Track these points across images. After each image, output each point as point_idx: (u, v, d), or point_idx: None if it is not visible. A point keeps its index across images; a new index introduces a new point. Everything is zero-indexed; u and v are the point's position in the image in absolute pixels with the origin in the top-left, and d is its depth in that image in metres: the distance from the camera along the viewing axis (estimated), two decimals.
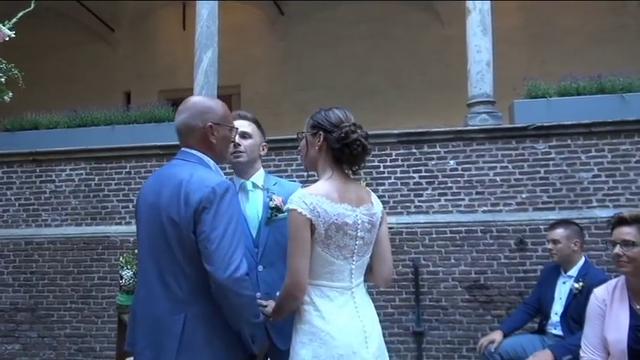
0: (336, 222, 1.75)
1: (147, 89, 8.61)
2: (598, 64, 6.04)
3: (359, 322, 1.78)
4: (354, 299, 1.81)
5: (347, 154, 1.80)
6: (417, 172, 5.07)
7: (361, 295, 1.85)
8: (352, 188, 1.84)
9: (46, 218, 5.60)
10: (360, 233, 1.80)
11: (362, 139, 1.80)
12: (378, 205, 1.90)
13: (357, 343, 1.75)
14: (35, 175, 5.70)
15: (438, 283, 4.83)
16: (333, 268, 1.79)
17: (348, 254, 1.80)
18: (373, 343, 1.79)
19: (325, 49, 8.49)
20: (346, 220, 1.77)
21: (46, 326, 5.33)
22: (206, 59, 5.67)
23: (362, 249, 1.83)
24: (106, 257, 5.33)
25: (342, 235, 1.77)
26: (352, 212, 1.79)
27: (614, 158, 4.80)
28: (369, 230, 1.83)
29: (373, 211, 1.85)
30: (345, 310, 1.78)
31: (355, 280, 1.83)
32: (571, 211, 4.74)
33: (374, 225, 1.85)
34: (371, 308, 1.88)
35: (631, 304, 2.25)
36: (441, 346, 4.75)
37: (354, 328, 1.77)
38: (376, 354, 1.79)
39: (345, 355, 1.72)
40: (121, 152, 5.57)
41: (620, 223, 2.26)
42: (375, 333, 1.83)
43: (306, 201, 1.74)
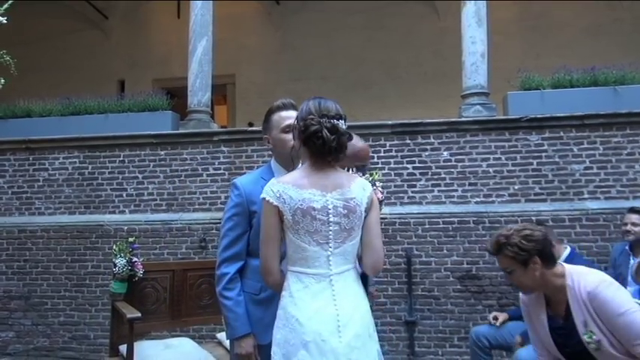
0: (301, 207, 1.77)
1: (141, 78, 8.57)
2: (592, 56, 6.06)
3: (333, 311, 1.75)
4: (332, 287, 1.79)
5: (311, 146, 1.82)
6: (410, 162, 5.09)
7: (343, 284, 1.81)
8: (330, 175, 1.83)
9: (39, 206, 5.59)
10: (334, 218, 1.79)
11: (323, 132, 1.78)
12: (359, 190, 1.84)
13: (328, 331, 1.73)
14: (28, 163, 5.68)
15: (430, 273, 4.88)
16: (306, 255, 1.80)
17: (321, 240, 1.79)
18: (348, 333, 1.74)
19: (320, 40, 8.46)
20: (312, 205, 1.78)
21: (39, 314, 5.35)
22: (200, 48, 5.64)
23: (339, 235, 1.80)
24: (99, 246, 5.34)
25: (310, 220, 1.78)
26: (322, 197, 1.79)
27: (606, 150, 4.84)
28: (346, 215, 1.80)
29: (349, 196, 1.81)
30: (319, 298, 1.77)
31: (335, 267, 1.80)
32: (562, 202, 4.79)
33: (351, 210, 1.81)
34: (355, 297, 1.82)
35: (547, 310, 2.24)
36: (432, 336, 4.81)
37: (325, 316, 1.75)
38: (352, 344, 1.74)
39: (311, 342, 1.72)
40: (114, 141, 5.56)
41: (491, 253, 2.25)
42: (355, 323, 1.77)
43: (274, 189, 1.81)
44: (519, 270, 2.13)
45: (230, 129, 6.83)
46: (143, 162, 5.50)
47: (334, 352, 1.72)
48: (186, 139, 5.46)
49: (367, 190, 1.87)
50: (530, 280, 2.13)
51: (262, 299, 2.06)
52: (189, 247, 5.21)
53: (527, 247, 2.11)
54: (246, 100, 8.67)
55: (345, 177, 1.87)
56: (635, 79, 5.08)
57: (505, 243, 2.13)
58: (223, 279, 2.04)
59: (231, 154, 5.35)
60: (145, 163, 5.49)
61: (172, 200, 5.37)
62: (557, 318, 2.19)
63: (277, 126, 2.15)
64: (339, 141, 1.81)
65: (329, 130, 1.79)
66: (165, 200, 5.40)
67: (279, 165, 2.19)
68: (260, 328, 2.05)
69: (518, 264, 2.12)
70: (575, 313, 2.09)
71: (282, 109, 2.18)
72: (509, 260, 2.14)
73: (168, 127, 5.63)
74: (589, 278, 2.08)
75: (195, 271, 3.71)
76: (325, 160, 1.84)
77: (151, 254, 5.18)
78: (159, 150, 5.49)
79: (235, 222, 2.07)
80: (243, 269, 2.09)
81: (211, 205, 5.28)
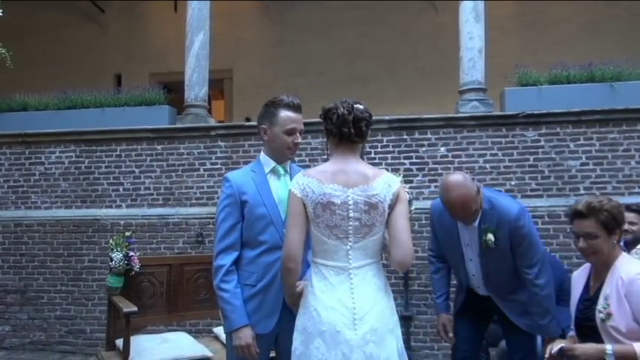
0: (321, 201, 1.82)
1: (138, 72, 8.52)
2: (589, 53, 6.06)
3: (350, 303, 1.79)
4: (350, 280, 1.82)
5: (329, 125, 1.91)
6: (407, 158, 5.10)
7: (363, 278, 1.83)
8: (354, 169, 1.86)
9: (35, 200, 5.58)
10: (354, 214, 1.82)
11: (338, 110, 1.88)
12: (383, 186, 1.85)
13: (343, 323, 1.78)
14: (24, 156, 5.66)
15: (426, 269, 4.88)
16: (326, 247, 1.85)
17: (341, 234, 1.83)
18: (364, 326, 1.78)
19: (318, 35, 8.44)
20: (333, 200, 1.81)
21: (36, 308, 5.34)
22: (197, 42, 5.62)
23: (360, 230, 1.83)
24: (96, 240, 5.34)
25: (329, 215, 1.82)
26: (342, 192, 1.82)
27: (602, 147, 4.86)
28: (367, 211, 1.82)
29: (371, 192, 1.82)
30: (337, 290, 1.82)
31: (355, 261, 1.84)
32: (559, 198, 4.81)
33: (373, 206, 1.82)
34: (374, 292, 1.84)
35: (588, 280, 2.34)
36: (428, 330, 4.83)
37: (342, 308, 1.79)
38: (367, 337, 1.77)
39: (327, 332, 1.78)
40: (111, 135, 5.54)
41: (578, 216, 2.24)
42: (371, 317, 1.80)
43: (299, 182, 1.87)
44: (603, 237, 2.19)
45: (227, 124, 6.82)
46: (140, 156, 5.49)
47: (348, 343, 1.77)
48: (183, 134, 5.45)
49: (393, 186, 1.86)
50: (606, 249, 2.20)
51: (259, 289, 2.09)
52: (186, 241, 5.21)
53: (618, 218, 2.20)
54: (244, 95, 8.65)
55: (371, 172, 1.88)
56: (632, 76, 5.09)
57: (600, 208, 2.19)
58: (220, 271, 2.07)
59: (228, 149, 5.34)
60: (142, 157, 5.48)
61: (169, 195, 5.37)
62: (589, 290, 2.30)
63: (282, 124, 2.16)
64: (356, 119, 1.85)
65: (345, 109, 1.86)
66: (162, 195, 5.39)
67: (269, 157, 2.22)
68: (258, 317, 2.08)
69: (604, 231, 2.18)
70: (604, 289, 2.18)
71: (291, 108, 2.18)
72: (597, 225, 2.19)
73: (165, 121, 5.62)
74: (633, 267, 2.16)
75: (192, 265, 3.72)
76: (349, 150, 1.88)
77: (148, 249, 5.18)
78: (156, 144, 5.48)
79: (228, 212, 2.11)
80: (238, 261, 2.11)
81: (208, 200, 5.28)
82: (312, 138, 5.22)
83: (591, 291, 2.29)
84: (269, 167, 2.21)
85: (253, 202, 2.11)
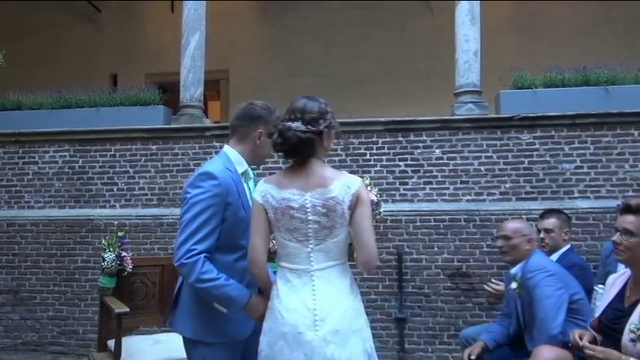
0: (281, 206, 1.87)
1: (134, 72, 8.49)
2: (584, 56, 6.09)
3: (311, 305, 1.81)
4: (312, 282, 1.84)
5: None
6: (402, 160, 5.10)
7: (325, 280, 1.85)
8: (312, 173, 1.87)
9: (28, 200, 5.55)
10: (312, 217, 1.84)
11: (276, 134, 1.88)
12: (342, 188, 1.84)
13: (304, 325, 1.80)
14: (18, 156, 5.63)
15: (421, 271, 4.89)
16: (288, 251, 1.89)
17: (301, 237, 1.86)
18: (325, 327, 1.79)
19: (315, 36, 8.43)
20: (291, 204, 1.85)
21: (28, 308, 5.31)
22: (193, 42, 5.61)
23: (320, 233, 1.84)
24: (89, 240, 5.31)
25: (289, 219, 1.86)
26: (300, 197, 1.85)
27: (597, 150, 4.87)
28: (325, 214, 1.83)
29: (329, 195, 1.83)
30: (299, 292, 1.84)
31: (317, 263, 1.85)
32: (553, 201, 4.81)
33: (331, 209, 1.83)
34: (338, 293, 1.85)
35: (623, 288, 2.29)
36: (422, 333, 4.82)
37: (303, 310, 1.81)
38: (328, 338, 1.78)
39: (289, 334, 1.82)
40: (105, 135, 5.52)
41: (626, 211, 2.24)
42: (333, 318, 1.80)
43: (260, 189, 1.93)
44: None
45: (222, 124, 6.79)
46: (134, 156, 5.47)
47: (309, 344, 1.78)
48: (178, 134, 5.43)
49: (352, 188, 1.85)
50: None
51: None
52: None
53: None
54: (240, 95, 8.60)
55: (330, 175, 1.88)
56: (627, 80, 5.11)
57: None
58: (196, 266, 1.92)
59: None
60: (137, 157, 5.46)
61: (163, 195, 5.35)
62: (624, 300, 2.24)
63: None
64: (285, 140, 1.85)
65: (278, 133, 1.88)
66: (156, 195, 5.37)
67: (244, 158, 2.16)
68: (237, 323, 2.02)
69: None
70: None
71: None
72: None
73: (160, 121, 5.60)
74: None
75: None
76: (309, 159, 1.89)
77: (142, 249, 5.16)
78: (150, 144, 5.46)
79: (212, 213, 1.98)
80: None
81: None
82: None
83: (626, 302, 2.22)
84: (242, 168, 2.14)
85: (236, 204, 2.04)
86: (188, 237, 1.94)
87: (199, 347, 2.03)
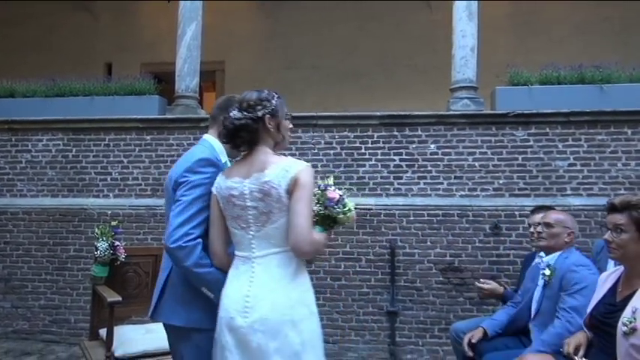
0: (225, 195, 1.91)
1: (129, 61, 8.43)
2: (580, 54, 6.10)
3: (246, 291, 1.83)
4: (252, 269, 1.86)
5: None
6: (397, 154, 5.11)
7: (265, 267, 1.84)
8: (255, 160, 1.90)
9: (21, 188, 5.51)
10: (250, 203, 1.85)
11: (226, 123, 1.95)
12: (279, 172, 1.82)
13: (236, 310, 1.82)
14: (11, 144, 5.59)
15: (413, 265, 4.91)
16: (236, 239, 1.93)
17: (243, 224, 1.88)
18: (255, 314, 1.78)
19: (312, 29, 8.39)
20: (232, 192, 1.89)
21: (19, 297, 5.29)
22: (189, 32, 5.57)
23: (259, 219, 1.85)
24: (82, 229, 5.29)
25: (232, 207, 1.90)
26: (239, 184, 1.88)
27: (590, 148, 4.90)
28: (262, 199, 1.83)
29: (263, 180, 1.83)
30: (240, 279, 1.87)
31: (258, 250, 1.86)
32: (546, 198, 4.84)
33: (267, 193, 1.82)
34: (274, 281, 1.83)
35: (616, 284, 2.32)
36: (413, 326, 4.86)
37: (238, 296, 1.84)
38: (255, 326, 1.78)
39: (223, 319, 1.86)
40: (100, 124, 5.49)
41: (612, 210, 2.27)
42: (263, 306, 1.79)
43: (216, 180, 1.98)
44: (632, 235, 2.18)
45: None
46: (129, 146, 5.44)
47: (238, 331, 1.81)
48: (172, 125, 5.41)
49: (291, 172, 1.82)
50: (633, 250, 2.19)
51: None
52: None
53: None
54: (236, 87, 8.50)
55: (269, 160, 1.88)
56: (621, 78, 5.14)
57: (636, 205, 2.19)
58: (195, 250, 1.92)
59: None
60: (131, 147, 5.43)
61: (157, 185, 5.33)
62: (616, 295, 2.27)
63: None
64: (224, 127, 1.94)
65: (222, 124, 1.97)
66: (150, 185, 5.36)
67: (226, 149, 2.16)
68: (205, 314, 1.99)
69: (636, 230, 2.18)
70: (635, 300, 2.12)
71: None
72: (629, 221, 2.19)
73: (155, 111, 5.57)
74: None
75: None
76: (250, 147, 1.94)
77: (135, 239, 5.15)
78: (145, 135, 5.43)
79: (209, 199, 1.99)
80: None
81: None
82: (302, 132, 5.21)
83: (618, 296, 2.25)
84: (224, 158, 2.15)
85: None
86: (187, 220, 1.94)
87: (193, 335, 2.01)
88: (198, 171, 2.01)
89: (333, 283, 4.93)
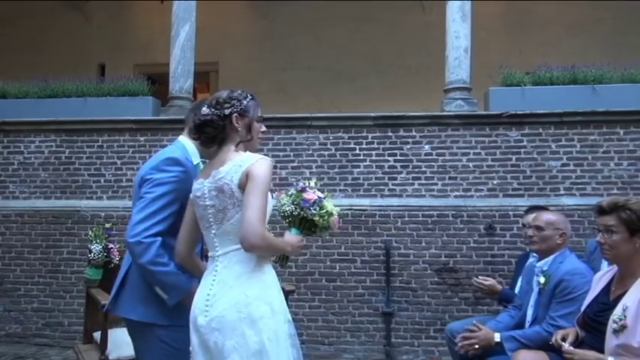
0: (193, 198, 1.93)
1: (122, 62, 8.39)
2: (573, 55, 6.15)
3: (208, 290, 1.82)
4: (215, 267, 1.86)
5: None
6: (392, 155, 5.12)
7: (226, 265, 1.83)
8: (217, 160, 1.89)
9: (13, 190, 5.47)
10: (209, 202, 1.86)
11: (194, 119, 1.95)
12: (232, 167, 1.81)
13: (198, 309, 1.83)
14: (3, 145, 5.54)
15: (408, 266, 4.92)
16: (206, 240, 1.94)
17: (206, 224, 1.89)
18: (213, 312, 1.77)
19: (306, 30, 8.40)
20: (196, 193, 1.91)
21: (12, 300, 5.25)
22: (183, 33, 5.56)
23: (217, 216, 1.85)
24: (75, 232, 5.26)
25: (197, 208, 1.91)
26: (200, 185, 1.90)
27: (583, 148, 4.93)
28: (217, 196, 1.83)
29: (218, 177, 1.82)
30: (206, 278, 1.88)
31: (221, 248, 1.86)
32: (539, 198, 4.87)
33: (220, 190, 1.82)
34: (233, 278, 1.80)
35: (609, 283, 2.34)
36: (409, 327, 4.86)
37: (201, 295, 1.84)
38: (213, 325, 1.76)
39: (190, 318, 1.87)
40: (93, 125, 5.46)
41: (601, 213, 2.28)
42: (221, 304, 1.77)
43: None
44: (623, 236, 2.20)
45: None
46: (122, 148, 5.41)
47: (199, 329, 1.82)
48: (166, 126, 5.38)
49: (243, 166, 1.80)
50: (625, 250, 2.20)
51: None
52: None
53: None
54: (230, 88, 8.57)
55: (227, 158, 1.86)
56: (613, 79, 5.18)
57: (623, 206, 2.21)
58: (153, 247, 1.92)
59: None
60: (124, 148, 5.40)
61: None
62: (609, 294, 2.29)
63: None
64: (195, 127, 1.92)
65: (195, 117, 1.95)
66: None
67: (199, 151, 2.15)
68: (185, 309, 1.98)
69: (626, 230, 2.19)
70: (625, 299, 2.14)
71: None
72: (619, 222, 2.20)
73: (149, 112, 5.55)
74: None
75: None
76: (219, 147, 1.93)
77: None
78: (138, 136, 5.41)
79: (174, 197, 1.99)
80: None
81: None
82: (297, 133, 5.20)
83: (611, 295, 2.27)
84: (196, 160, 2.15)
85: None
86: (148, 216, 1.95)
87: (149, 330, 2.02)
88: (163, 169, 2.02)
89: (328, 284, 4.93)
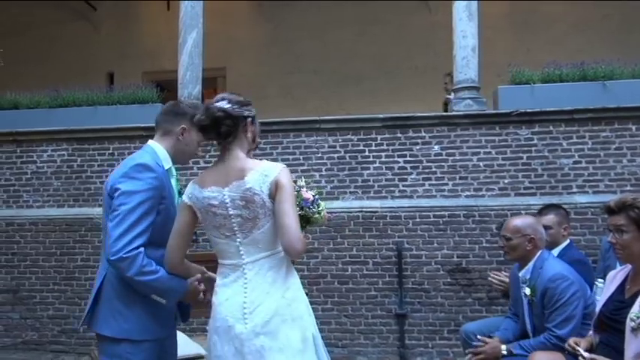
0: (203, 205, 1.88)
1: (130, 70, 8.48)
2: (581, 52, 6.11)
3: (242, 298, 1.83)
4: (244, 275, 1.85)
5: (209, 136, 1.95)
6: (401, 156, 5.10)
7: (257, 272, 1.85)
8: (230, 167, 1.87)
9: (27, 199, 5.53)
10: (233, 211, 1.84)
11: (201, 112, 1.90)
12: (258, 178, 1.82)
13: (234, 318, 1.82)
14: (16, 155, 5.61)
15: (420, 267, 4.90)
16: (219, 248, 1.91)
17: (228, 233, 1.86)
18: (255, 319, 1.80)
19: (312, 33, 8.43)
20: (211, 202, 1.86)
21: (28, 307, 5.30)
22: (190, 40, 5.60)
23: (244, 225, 1.84)
24: (89, 239, 5.30)
25: (212, 217, 1.87)
26: (218, 193, 1.86)
27: (595, 145, 4.89)
28: (245, 206, 1.82)
29: (245, 187, 1.82)
30: (232, 286, 1.86)
31: (248, 256, 1.85)
32: (552, 196, 4.83)
33: (250, 200, 1.82)
34: (269, 284, 1.84)
35: (624, 281, 2.33)
36: (422, 328, 4.84)
37: (234, 304, 1.84)
38: (257, 330, 1.79)
39: (220, 327, 1.86)
40: (104, 133, 5.50)
41: (610, 213, 2.27)
42: (262, 310, 1.81)
43: (188, 191, 1.94)
44: (634, 234, 2.20)
45: None
46: None
47: (239, 337, 1.81)
48: None
49: (270, 176, 1.82)
50: (637, 248, 2.20)
51: None
52: None
53: None
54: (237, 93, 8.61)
55: (248, 166, 1.86)
56: (624, 75, 5.14)
57: (632, 205, 2.20)
58: (137, 259, 1.89)
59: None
60: None
61: None
62: (624, 292, 2.29)
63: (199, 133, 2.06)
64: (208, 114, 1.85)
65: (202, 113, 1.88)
66: None
67: (170, 155, 2.14)
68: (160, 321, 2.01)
69: (636, 229, 2.19)
70: None
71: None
72: (629, 221, 2.20)
73: None
74: None
75: None
76: (226, 149, 1.90)
77: None
78: None
79: (150, 206, 1.95)
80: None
81: None
82: (305, 136, 5.21)
83: (627, 293, 2.26)
84: (167, 165, 2.11)
85: (170, 199, 2.05)
86: (127, 230, 1.89)
87: (123, 344, 1.98)
88: (134, 177, 1.96)
89: (341, 286, 4.92)
